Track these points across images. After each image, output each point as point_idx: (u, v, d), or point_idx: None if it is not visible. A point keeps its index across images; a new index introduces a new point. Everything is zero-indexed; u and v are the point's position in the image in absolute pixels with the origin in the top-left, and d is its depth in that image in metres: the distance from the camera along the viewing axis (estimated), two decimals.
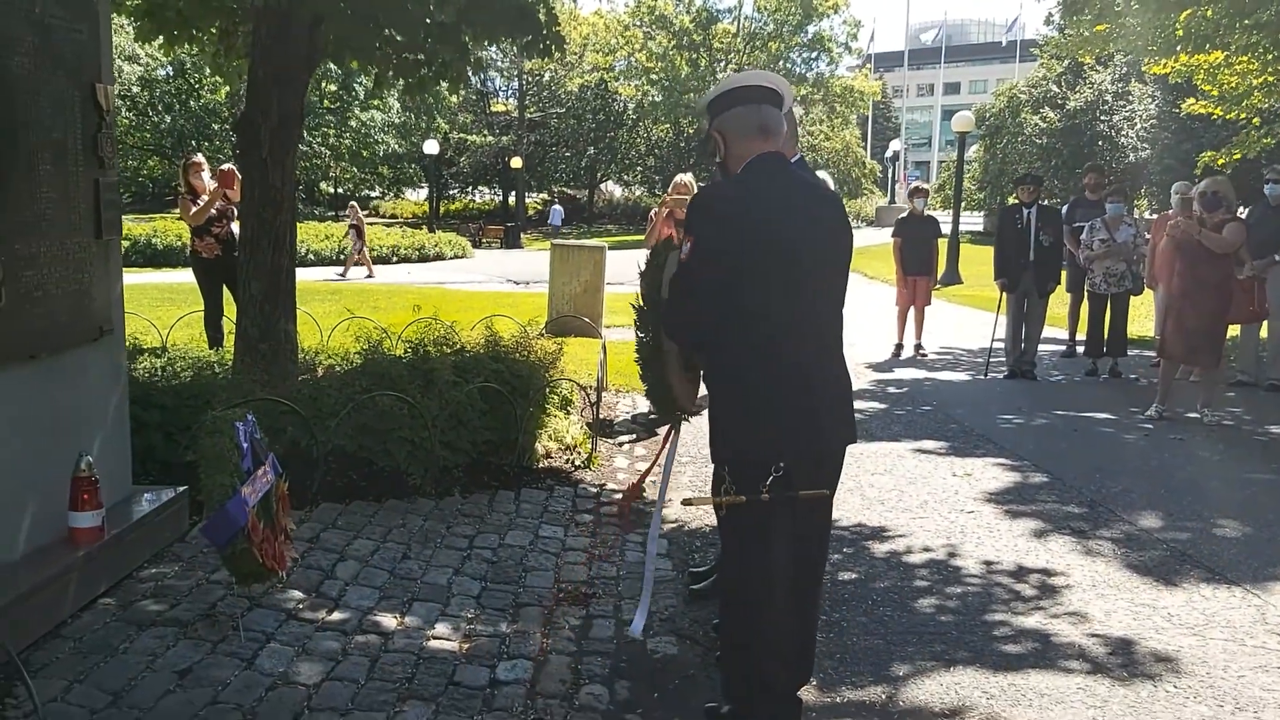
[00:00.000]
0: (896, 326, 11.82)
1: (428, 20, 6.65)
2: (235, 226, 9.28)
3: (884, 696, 3.68)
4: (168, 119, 39.18)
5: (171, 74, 38.92)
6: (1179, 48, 13.44)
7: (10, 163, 3.57)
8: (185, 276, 16.47)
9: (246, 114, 6.74)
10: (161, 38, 7.97)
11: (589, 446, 6.82)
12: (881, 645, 4.09)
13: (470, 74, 7.56)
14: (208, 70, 36.09)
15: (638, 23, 46.53)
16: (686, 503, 3.26)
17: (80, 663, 3.46)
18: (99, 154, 4.13)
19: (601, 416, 7.60)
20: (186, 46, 8.03)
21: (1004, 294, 10.52)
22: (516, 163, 47.68)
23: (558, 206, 49.36)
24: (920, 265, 11.52)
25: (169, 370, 6.26)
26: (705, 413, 3.15)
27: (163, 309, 11.66)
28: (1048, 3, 16.18)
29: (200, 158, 9.65)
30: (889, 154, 63.18)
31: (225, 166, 9.15)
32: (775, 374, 2.97)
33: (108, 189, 4.20)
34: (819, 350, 3.08)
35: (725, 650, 3.36)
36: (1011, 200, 12.00)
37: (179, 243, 23.54)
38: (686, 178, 8.47)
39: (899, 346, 11.72)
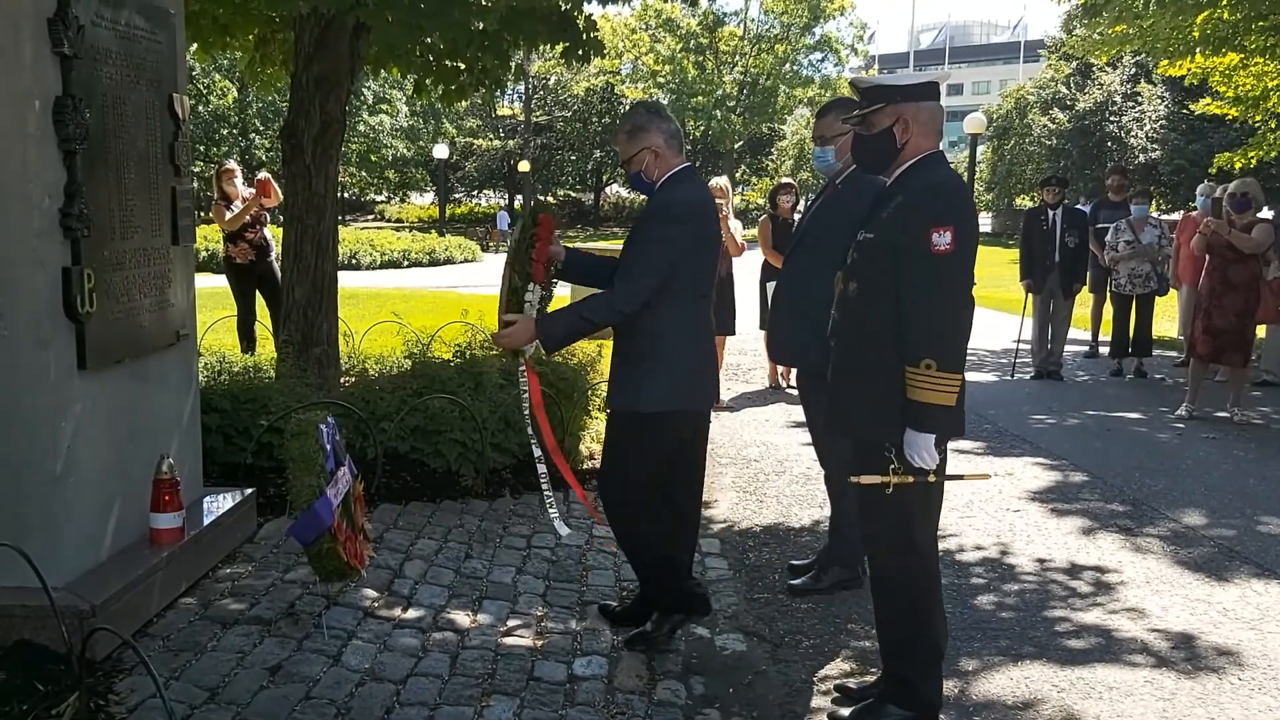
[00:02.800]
0: None
1: (470, 27, 6.73)
2: (268, 232, 9.38)
3: (956, 690, 3.76)
4: (189, 129, 39.26)
5: None
6: (1196, 49, 13.53)
7: (99, 171, 3.65)
8: (204, 281, 16.62)
9: (290, 121, 6.83)
10: (197, 45, 8.07)
11: None
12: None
13: (509, 80, 7.64)
14: (217, 76, 36.33)
15: (644, 26, 46.62)
16: (855, 480, 3.26)
17: (172, 660, 3.54)
18: (175, 162, 4.21)
19: None
20: (205, 55, 8.12)
21: (1029, 295, 10.59)
22: (524, 166, 47.81)
23: (503, 212, 48.89)
24: None
25: (224, 375, 6.33)
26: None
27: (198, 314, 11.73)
28: (1066, 5, 16.19)
29: (233, 164, 9.74)
30: None
31: (262, 175, 9.25)
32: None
33: (183, 196, 4.28)
34: None
35: (910, 649, 3.36)
36: (1029, 201, 12.10)
37: (201, 249, 23.61)
38: (721, 181, 8.54)
39: None
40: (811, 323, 3.97)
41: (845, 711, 3.47)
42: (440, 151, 40.76)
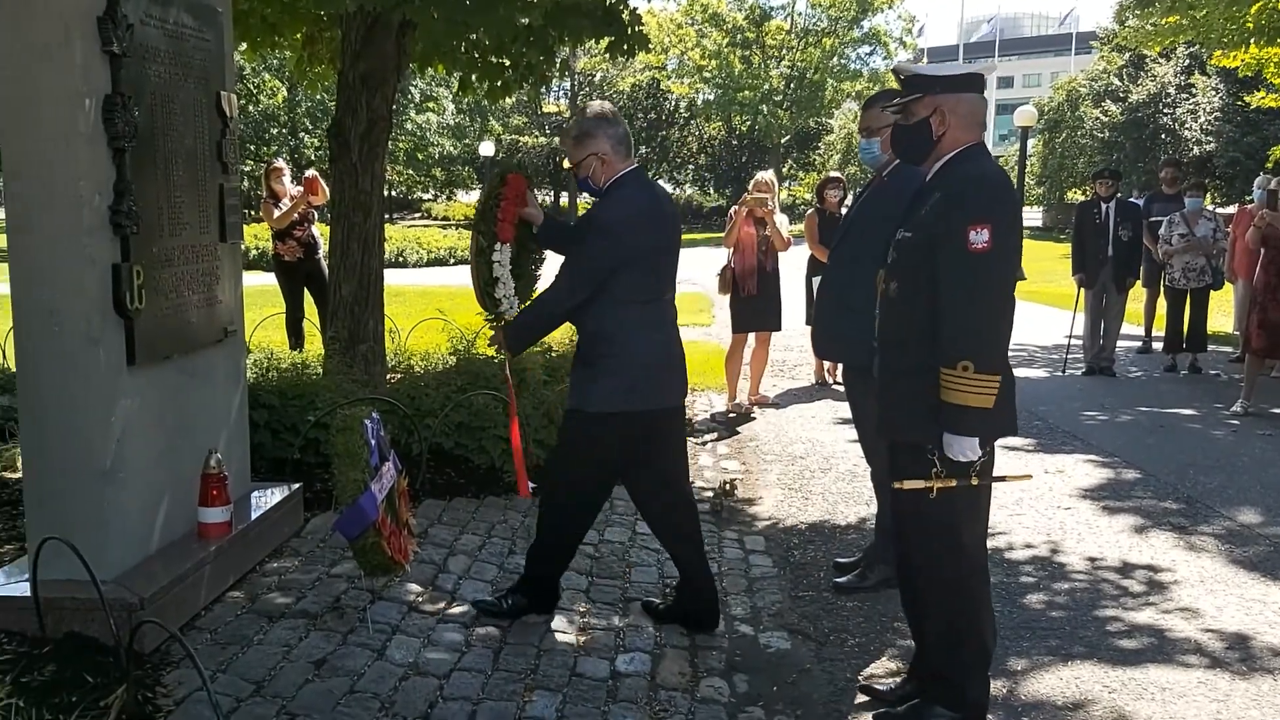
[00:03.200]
0: None
1: (515, 23, 6.74)
2: (316, 230, 9.47)
3: (1004, 690, 3.70)
4: (236, 127, 39.75)
5: None
6: (1250, 40, 13.26)
7: (148, 168, 3.69)
8: (252, 279, 16.80)
9: (337, 119, 6.87)
10: (246, 44, 8.15)
11: None
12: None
13: (553, 76, 7.64)
14: (266, 76, 36.73)
15: (690, 21, 46.48)
16: (898, 485, 3.23)
17: (220, 653, 3.57)
18: (223, 159, 4.25)
19: None
20: (253, 54, 8.19)
21: (1081, 290, 10.43)
22: (568, 163, 47.87)
23: None
24: None
25: (271, 371, 6.39)
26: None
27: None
28: None
29: (281, 163, 9.83)
30: None
31: (310, 173, 9.33)
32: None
33: (230, 194, 4.32)
34: None
35: (958, 651, 3.31)
36: (1080, 195, 11.93)
37: (248, 246, 23.92)
38: (767, 175, 8.49)
39: None
40: (856, 317, 3.92)
41: (884, 711, 3.43)
42: (486, 149, 40.94)
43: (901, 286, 3.23)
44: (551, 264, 4.05)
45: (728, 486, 6.04)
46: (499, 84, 7.52)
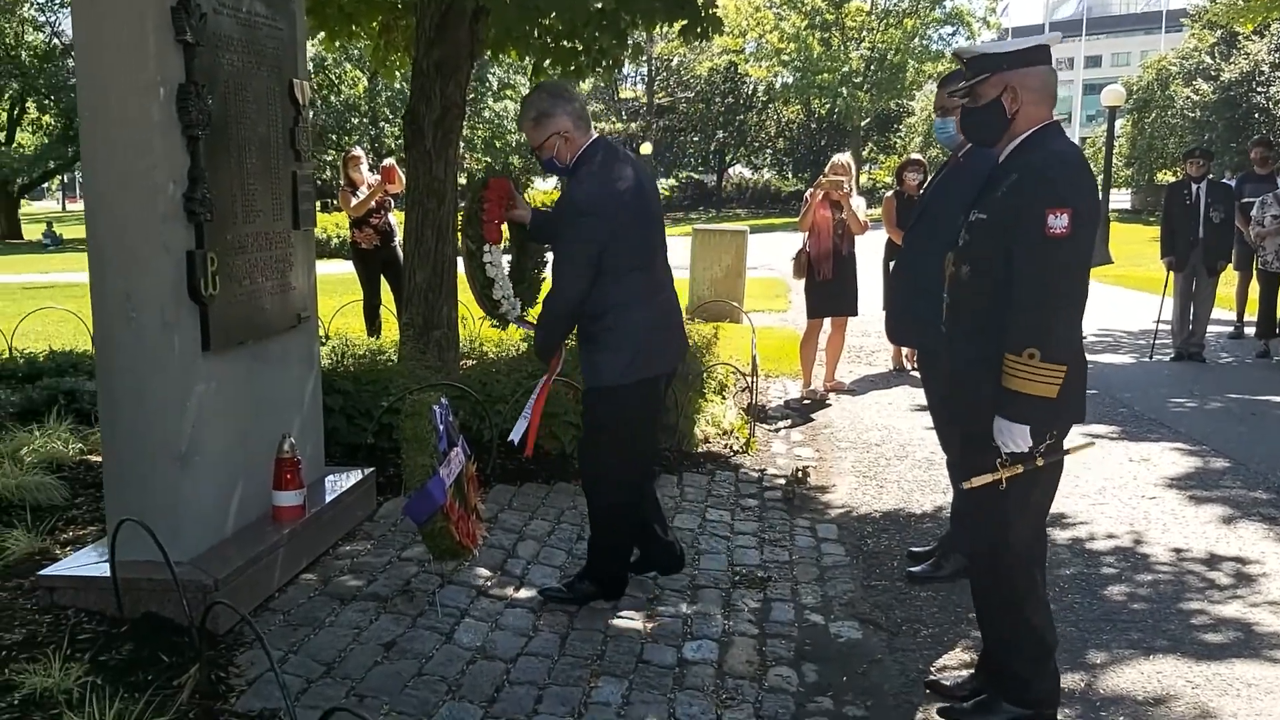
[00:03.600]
0: None
1: (588, 7, 6.72)
2: (393, 217, 9.56)
3: (1082, 684, 3.60)
4: (309, 114, 40.43)
5: (313, 70, 40.14)
6: None
7: (221, 156, 3.74)
8: (332, 267, 17.02)
9: (411, 106, 6.92)
10: (323, 33, 8.25)
11: (746, 431, 6.81)
12: (1074, 633, 3.99)
13: (627, 60, 7.60)
14: (348, 66, 37.26)
15: (769, 4, 46.06)
16: (969, 485, 3.16)
17: (291, 634, 3.63)
18: (296, 147, 4.29)
19: (756, 401, 7.58)
20: (330, 43, 8.28)
21: (1170, 273, 10.11)
22: (646, 148, 47.82)
23: None
24: None
25: (346, 357, 6.48)
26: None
27: (319, 299, 12.06)
28: None
29: (359, 151, 9.95)
30: None
31: (387, 161, 9.43)
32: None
33: (304, 181, 4.37)
34: None
35: (1015, 647, 3.24)
36: (1170, 176, 11.57)
37: (323, 235, 24.33)
38: (844, 158, 8.36)
39: None
40: (930, 301, 3.82)
41: (952, 705, 3.36)
42: None
43: (973, 270, 3.14)
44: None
45: (800, 474, 5.97)
46: (571, 69, 7.50)
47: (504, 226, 3.97)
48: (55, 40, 37.07)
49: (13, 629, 3.40)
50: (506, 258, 4.16)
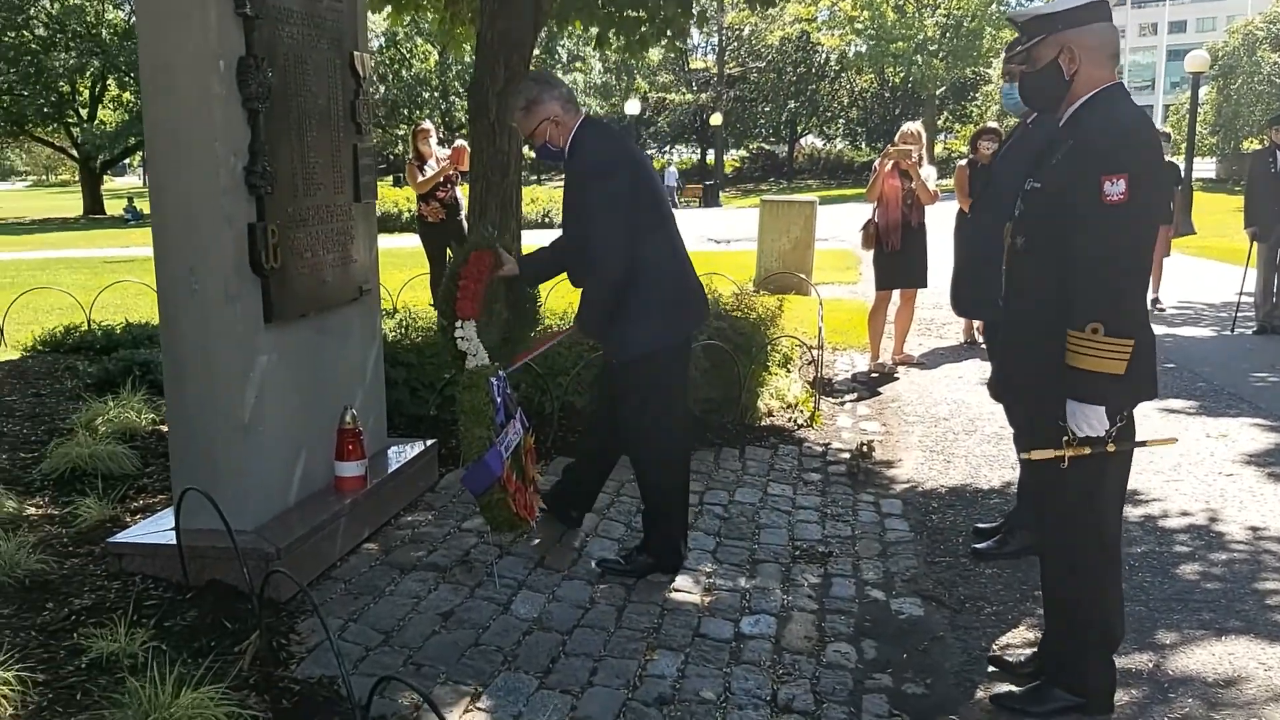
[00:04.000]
0: (1152, 279, 11.05)
1: None
2: (460, 191, 9.61)
3: (1150, 665, 3.50)
4: (381, 89, 40.83)
5: (384, 45, 40.45)
6: None
7: (282, 129, 3.77)
8: (403, 241, 17.22)
9: (476, 79, 6.93)
10: (389, 7, 8.29)
11: (811, 405, 6.74)
12: (1144, 612, 3.89)
13: (692, 29, 7.53)
14: (419, 40, 37.52)
15: None
16: (1027, 456, 3.10)
17: (352, 603, 3.67)
18: (357, 120, 4.31)
19: (822, 375, 7.50)
20: (398, 17, 8.30)
21: (1254, 243, 9.77)
22: (716, 119, 47.52)
23: (673, 169, 48.97)
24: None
25: (411, 330, 6.53)
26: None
27: (388, 273, 12.14)
28: None
29: (428, 125, 10.00)
30: None
31: (458, 143, 9.46)
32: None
33: (365, 154, 4.39)
34: None
35: (1081, 633, 3.15)
36: (1256, 144, 11.15)
37: (395, 209, 24.58)
38: (914, 126, 8.18)
39: (1154, 301, 11.02)
40: (991, 273, 3.72)
41: (1007, 689, 3.29)
42: (632, 107, 40.93)
43: (1029, 241, 3.03)
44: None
45: (865, 448, 5.89)
46: (636, 39, 7.46)
47: (480, 297, 4.00)
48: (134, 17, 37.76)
49: (83, 594, 3.49)
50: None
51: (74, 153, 38.93)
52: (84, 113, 37.99)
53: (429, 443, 4.88)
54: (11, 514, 4.12)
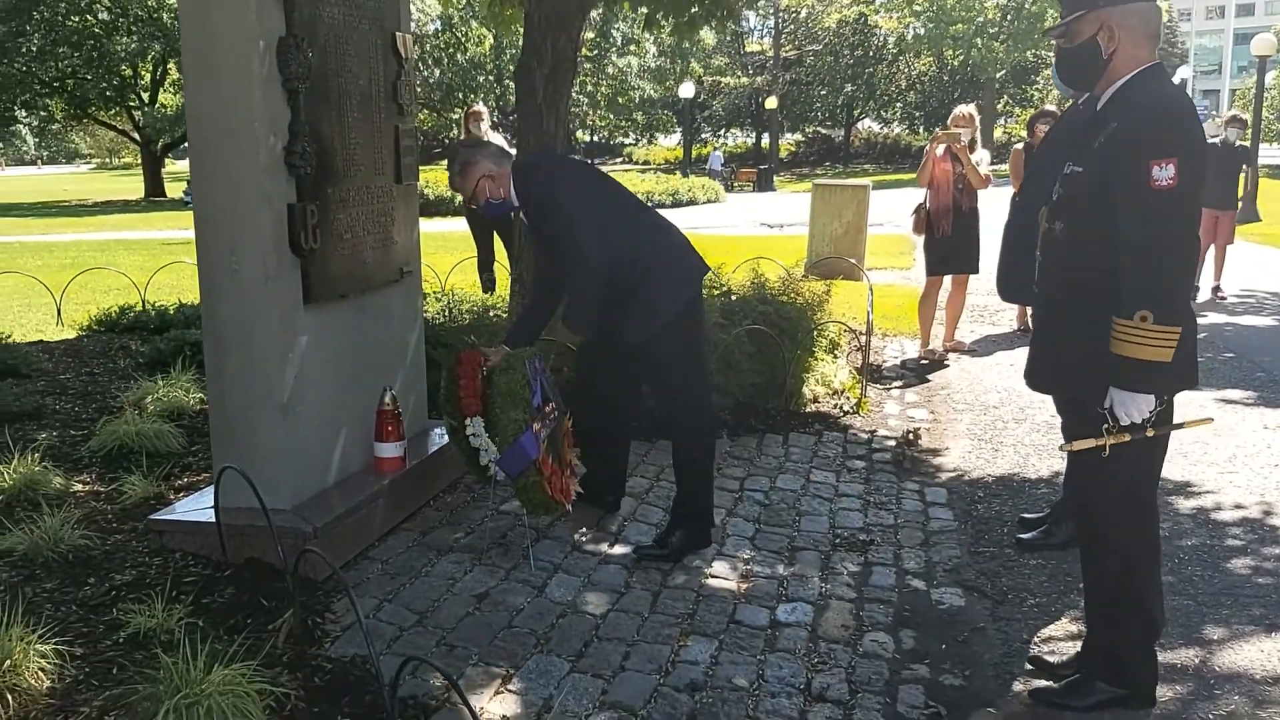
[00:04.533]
0: (1212, 267, 10.77)
1: None
2: None
3: (1196, 660, 3.41)
4: (436, 73, 40.96)
5: (440, 28, 40.57)
6: None
7: (322, 109, 3.77)
8: (454, 225, 17.29)
9: (523, 61, 6.90)
10: None
11: (858, 391, 6.66)
12: (1192, 606, 3.79)
13: (747, 11, 7.44)
14: (474, 24, 37.57)
15: None
16: (1066, 448, 3.05)
17: (388, 583, 3.69)
18: (398, 101, 4.31)
19: (870, 361, 7.41)
20: (454, 1, 8.29)
21: None
22: (772, 103, 47.16)
23: (718, 153, 48.71)
24: (1224, 199, 10.48)
25: (456, 312, 6.55)
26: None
27: (438, 256, 12.23)
28: None
29: (481, 107, 10.00)
30: (1176, 82, 58.35)
31: None
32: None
33: (406, 135, 4.38)
34: None
35: (1122, 624, 3.08)
36: None
37: (448, 194, 24.68)
38: (966, 109, 8.03)
39: (1194, 289, 10.76)
40: (1034, 259, 3.65)
41: (1045, 684, 3.22)
42: (686, 91, 40.71)
43: (1067, 227, 2.95)
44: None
45: (911, 436, 5.81)
46: (685, 20, 7.38)
47: (480, 393, 4.05)
48: None
49: (124, 570, 3.55)
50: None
51: (136, 136, 39.55)
52: (145, 96, 38.56)
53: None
54: (59, 490, 4.19)
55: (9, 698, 2.68)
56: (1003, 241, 4.12)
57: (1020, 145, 8.77)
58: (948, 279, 8.21)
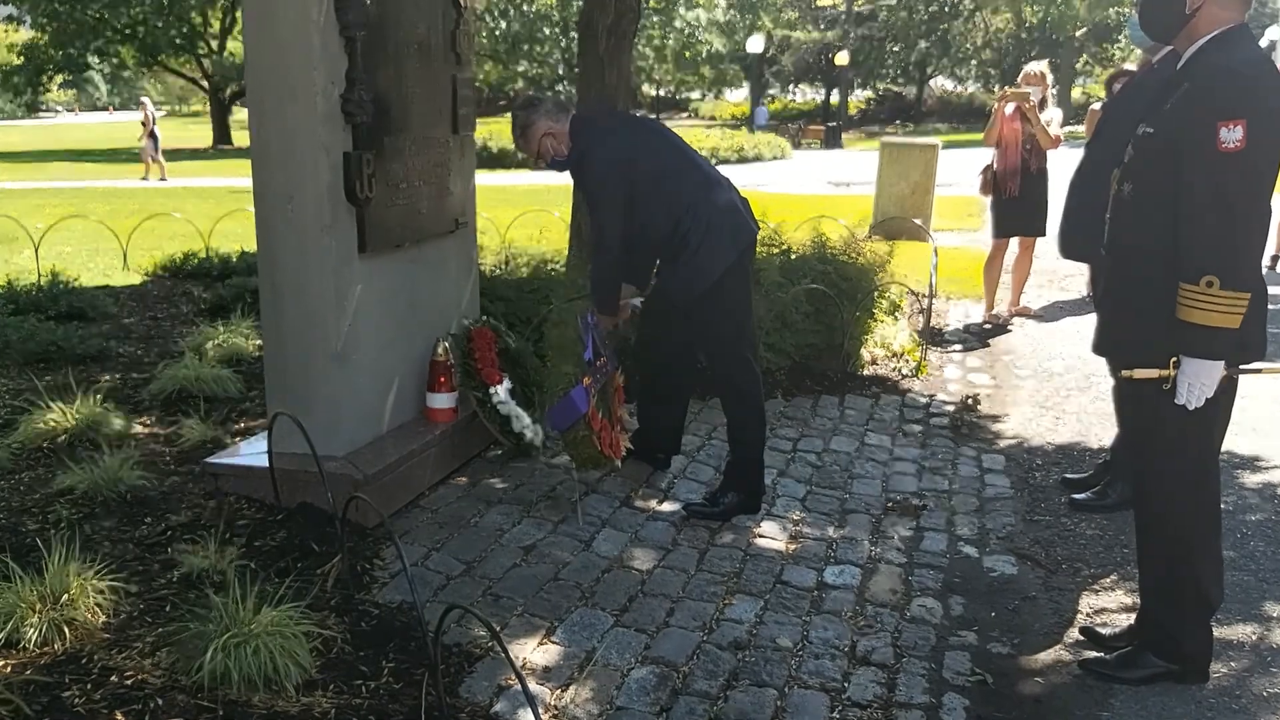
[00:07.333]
0: (1274, 237, 10.42)
1: None
2: None
3: (1254, 637, 3.33)
4: (503, 24, 40.78)
5: None
6: None
7: (379, 58, 3.76)
8: (517, 178, 17.35)
9: (585, 13, 6.82)
10: None
11: (918, 355, 6.57)
12: (1252, 581, 3.69)
13: None
14: None
15: None
16: (1126, 374, 2.93)
17: (437, 532, 3.72)
18: (456, 50, 4.28)
19: (932, 324, 7.29)
20: None
21: None
22: (842, 58, 46.31)
23: (762, 107, 47.85)
24: None
25: (513, 265, 6.55)
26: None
27: (500, 209, 12.23)
28: None
29: None
30: (1264, 43, 56.34)
31: None
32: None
33: (464, 85, 4.36)
34: None
35: (1175, 596, 3.00)
36: None
37: (512, 147, 24.62)
38: (1039, 67, 7.79)
39: (1275, 258, 10.41)
40: (1099, 219, 3.54)
41: (1096, 655, 3.16)
42: (755, 44, 40.12)
43: (1137, 188, 2.86)
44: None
45: (971, 401, 5.71)
46: None
47: (497, 364, 4.21)
48: None
49: (180, 511, 3.61)
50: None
51: (204, 84, 39.98)
52: (214, 44, 38.92)
53: None
54: (119, 431, 4.28)
55: (66, 630, 2.75)
56: (1067, 197, 4.02)
57: (1098, 105, 8.50)
58: (1014, 242, 8.03)
